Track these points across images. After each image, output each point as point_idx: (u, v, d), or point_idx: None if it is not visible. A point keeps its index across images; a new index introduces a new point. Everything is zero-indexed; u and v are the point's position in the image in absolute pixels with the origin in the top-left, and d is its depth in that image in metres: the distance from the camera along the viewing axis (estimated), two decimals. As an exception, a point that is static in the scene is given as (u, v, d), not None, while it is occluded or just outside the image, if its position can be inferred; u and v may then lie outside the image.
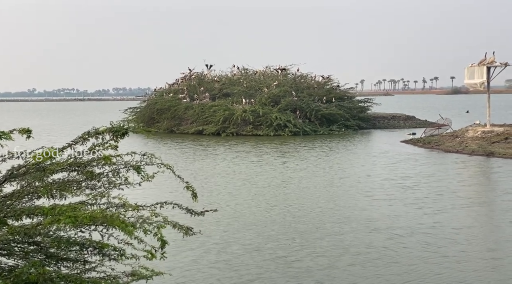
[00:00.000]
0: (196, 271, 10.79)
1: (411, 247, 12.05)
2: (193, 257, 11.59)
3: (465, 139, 31.56)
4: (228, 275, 10.53)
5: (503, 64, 32.37)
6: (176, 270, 10.66)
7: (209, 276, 10.47)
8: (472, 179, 21.74)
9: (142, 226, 5.17)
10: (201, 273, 10.67)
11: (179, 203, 5.87)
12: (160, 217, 5.36)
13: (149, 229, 5.18)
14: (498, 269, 10.69)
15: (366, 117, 48.95)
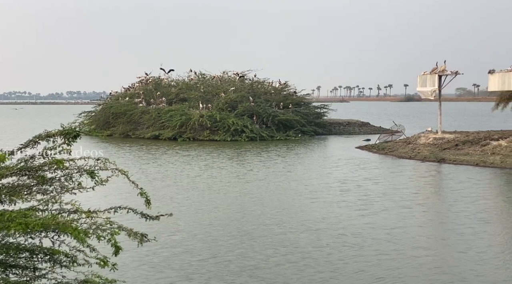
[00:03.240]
0: (150, 277, 10.66)
1: (343, 247, 12.48)
2: (147, 264, 11.45)
3: (417, 145, 32.29)
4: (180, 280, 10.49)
5: (454, 73, 33.34)
6: (129, 276, 10.50)
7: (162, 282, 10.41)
8: (420, 184, 22.21)
9: (95, 233, 5.04)
10: (155, 279, 10.56)
11: (133, 208, 5.77)
12: (115, 224, 5.24)
13: (102, 236, 5.05)
14: (421, 268, 11.06)
15: (322, 123, 49.49)
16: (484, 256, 11.79)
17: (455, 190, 20.10)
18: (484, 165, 26.02)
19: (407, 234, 13.68)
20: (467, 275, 10.67)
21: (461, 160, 27.55)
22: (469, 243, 12.85)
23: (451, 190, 20.36)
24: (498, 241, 13.12)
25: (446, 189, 21.15)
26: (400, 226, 14.45)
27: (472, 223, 14.82)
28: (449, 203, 17.87)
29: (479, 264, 11.31)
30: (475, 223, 14.81)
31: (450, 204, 17.73)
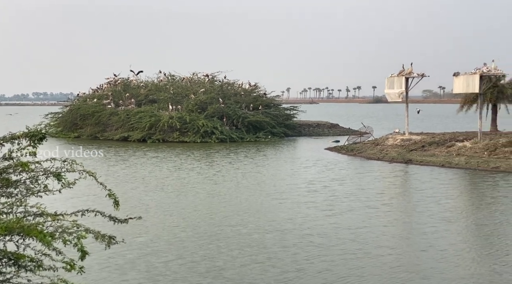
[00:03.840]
0: (114, 279, 10.62)
1: (309, 247, 12.69)
2: (111, 266, 11.42)
3: (385, 146, 32.74)
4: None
5: (420, 75, 33.92)
6: (93, 279, 10.40)
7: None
8: (386, 185, 22.59)
9: (61, 236, 4.97)
10: (120, 281, 10.55)
11: (101, 210, 5.71)
12: (82, 227, 5.17)
13: (69, 239, 4.98)
14: (384, 266, 11.32)
15: (292, 125, 49.75)
16: (445, 254, 12.10)
17: (420, 190, 20.54)
18: (450, 166, 26.55)
19: (371, 233, 13.95)
20: (428, 272, 10.93)
21: (428, 161, 28.04)
22: (431, 241, 13.17)
23: (416, 190, 20.81)
24: (459, 240, 13.48)
25: (411, 190, 21.59)
26: (365, 226, 14.73)
27: (435, 222, 15.17)
28: (414, 203, 18.30)
29: (440, 262, 11.59)
30: (437, 222, 15.17)
31: (415, 204, 18.16)
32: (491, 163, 25.66)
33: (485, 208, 17.31)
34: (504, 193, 19.75)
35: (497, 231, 14.31)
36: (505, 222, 15.21)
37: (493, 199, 18.76)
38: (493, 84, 35.21)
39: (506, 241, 13.25)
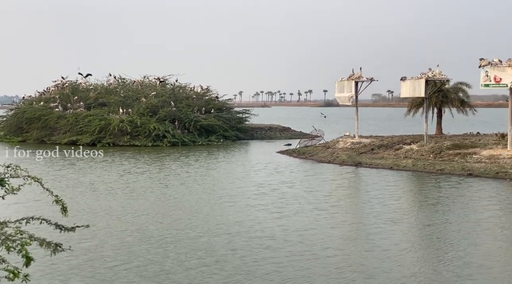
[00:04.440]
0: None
1: (256, 249, 12.80)
2: (54, 272, 11.16)
3: (336, 149, 33.24)
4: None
5: (369, 79, 34.64)
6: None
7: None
8: (335, 187, 22.91)
9: (4, 244, 4.81)
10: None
11: (47, 217, 5.56)
12: (26, 234, 5.01)
13: (12, 246, 4.83)
14: (331, 267, 11.54)
15: (244, 128, 49.85)
16: (389, 254, 12.39)
17: (367, 192, 20.98)
18: (398, 169, 27.19)
19: (319, 235, 14.15)
20: (372, 272, 11.18)
21: (377, 164, 28.60)
22: (377, 242, 13.47)
23: (363, 192, 21.25)
24: (403, 240, 13.80)
25: (359, 192, 22.03)
26: (312, 228, 14.93)
27: (380, 223, 15.51)
28: (361, 205, 18.69)
29: (385, 261, 11.87)
30: (383, 223, 15.51)
31: (362, 205, 18.55)
32: (437, 166, 26.43)
33: (428, 208, 17.82)
34: (446, 194, 20.36)
35: (439, 231, 14.76)
36: (446, 222, 15.69)
37: (435, 200, 19.31)
38: (438, 89, 36.40)
39: (447, 241, 13.66)
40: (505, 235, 14.42)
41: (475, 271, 11.19)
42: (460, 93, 38.69)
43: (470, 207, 17.89)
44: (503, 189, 21.23)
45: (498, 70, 26.78)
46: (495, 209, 17.53)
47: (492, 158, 25.73)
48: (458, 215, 16.66)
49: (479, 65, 27.37)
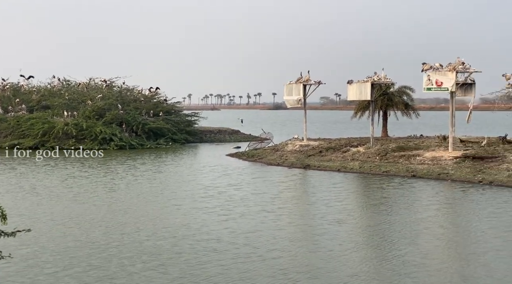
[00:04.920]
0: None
1: (202, 252, 12.76)
2: None
3: (285, 152, 33.41)
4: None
5: (317, 82, 35.02)
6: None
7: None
8: (282, 190, 22.96)
9: None
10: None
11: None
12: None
13: None
14: (275, 268, 11.62)
15: (193, 131, 49.54)
16: (333, 254, 12.60)
17: (314, 194, 21.24)
18: (345, 171, 27.58)
19: (265, 237, 14.20)
20: (317, 272, 11.32)
21: (325, 166, 28.92)
22: (322, 243, 13.66)
23: (310, 194, 21.48)
24: (348, 240, 14.00)
25: (306, 194, 22.25)
26: (259, 230, 14.98)
27: (326, 224, 15.73)
28: (307, 206, 18.90)
29: (329, 262, 12.05)
30: (329, 224, 15.73)
31: (308, 207, 18.76)
32: (382, 167, 26.97)
33: (372, 209, 18.23)
34: (390, 195, 20.82)
35: (381, 231, 15.09)
36: (389, 222, 16.04)
37: (379, 201, 19.73)
38: (383, 92, 37.17)
39: (388, 240, 13.98)
40: (443, 234, 14.87)
41: (413, 270, 11.49)
42: (404, 96, 39.67)
43: (411, 208, 18.36)
44: (443, 190, 21.88)
45: (440, 74, 27.61)
46: (435, 209, 18.07)
47: (434, 160, 26.47)
48: (400, 215, 17.07)
49: (422, 69, 28.15)
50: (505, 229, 14.96)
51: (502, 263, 11.91)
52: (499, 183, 22.35)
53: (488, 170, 23.88)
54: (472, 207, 18.44)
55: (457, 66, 27.34)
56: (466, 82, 28.60)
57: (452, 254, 12.90)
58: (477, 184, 22.61)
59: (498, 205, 18.26)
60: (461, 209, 18.50)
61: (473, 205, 18.85)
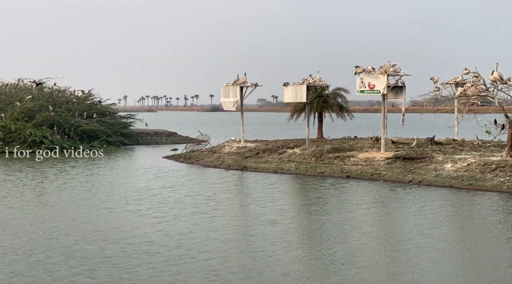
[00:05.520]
0: None
1: (132, 256, 12.56)
2: None
3: (222, 154, 33.32)
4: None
5: (254, 84, 35.15)
6: None
7: None
8: (217, 191, 22.75)
9: None
10: None
11: None
12: None
13: None
14: (207, 269, 11.59)
15: (129, 133, 48.63)
16: (265, 254, 12.68)
17: (249, 195, 21.34)
18: (282, 172, 27.80)
19: (198, 239, 14.12)
20: (249, 273, 11.36)
21: (262, 168, 29.06)
22: (255, 243, 13.75)
23: (245, 196, 21.55)
24: (280, 240, 14.09)
25: (240, 195, 22.26)
26: (192, 232, 14.90)
27: (259, 225, 15.82)
28: (242, 207, 18.96)
29: (261, 262, 12.11)
30: (262, 224, 15.82)
31: (243, 208, 18.83)
32: (318, 169, 27.36)
33: (306, 209, 18.47)
34: (323, 196, 21.13)
35: (313, 230, 15.38)
36: (321, 222, 16.34)
37: (313, 201, 20.01)
38: (319, 94, 37.82)
39: (319, 239, 14.25)
40: (370, 232, 15.22)
41: (342, 267, 11.73)
42: (339, 99, 40.47)
43: (343, 207, 18.76)
44: (375, 190, 22.45)
45: (372, 77, 28.34)
46: (365, 208, 18.52)
47: (367, 161, 27.12)
48: (332, 215, 17.41)
49: (355, 72, 28.82)
50: (428, 226, 15.50)
51: (424, 258, 12.35)
52: (427, 182, 23.15)
53: (417, 170, 24.69)
54: (400, 206, 19.04)
55: (388, 69, 28.16)
56: (397, 85, 29.59)
57: (379, 251, 13.26)
58: (407, 184, 23.33)
59: (424, 204, 18.92)
60: (390, 208, 19.06)
61: (401, 204, 19.46)
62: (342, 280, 10.94)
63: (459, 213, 17.98)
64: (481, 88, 25.75)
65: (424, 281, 10.81)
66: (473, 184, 21.99)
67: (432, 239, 14.07)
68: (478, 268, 11.75)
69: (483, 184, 21.81)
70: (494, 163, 23.10)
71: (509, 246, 13.61)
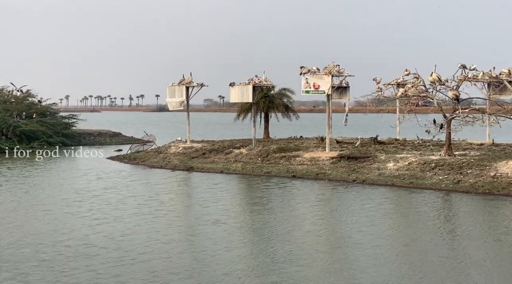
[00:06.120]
0: None
1: (70, 258, 12.29)
2: None
3: (168, 155, 32.91)
4: None
5: (200, 84, 34.89)
6: None
7: None
8: (160, 192, 22.44)
9: None
10: None
11: None
12: None
13: None
14: (146, 271, 11.42)
15: (71, 134, 47.33)
16: (207, 254, 12.62)
17: (192, 196, 21.25)
18: (228, 172, 27.68)
19: (138, 240, 13.89)
20: (190, 272, 11.25)
21: (208, 168, 28.86)
22: (196, 243, 13.71)
23: (189, 196, 21.42)
24: (222, 240, 14.03)
25: (185, 195, 22.07)
26: (133, 233, 14.66)
27: (202, 224, 15.75)
28: (185, 208, 18.82)
29: (202, 261, 12.06)
30: (204, 224, 15.74)
31: (186, 208, 18.71)
32: (264, 169, 27.41)
33: (249, 209, 18.52)
34: (267, 195, 21.19)
35: (256, 229, 15.43)
36: (263, 221, 16.43)
37: (257, 201, 20.02)
38: (265, 94, 37.91)
39: (261, 238, 14.30)
40: (311, 230, 15.36)
41: (283, 266, 11.78)
42: (285, 99, 40.73)
43: (286, 206, 18.87)
44: (319, 189, 22.69)
45: (317, 77, 28.64)
46: (308, 207, 18.69)
47: (313, 160, 27.37)
48: (275, 214, 17.49)
49: (300, 73, 29.03)
50: (367, 224, 15.79)
51: (363, 255, 12.58)
52: (370, 181, 23.58)
53: (361, 169, 25.11)
54: (341, 205, 19.35)
55: (332, 70, 28.52)
56: (341, 85, 30.03)
57: (319, 249, 13.42)
58: (351, 183, 23.67)
59: (365, 202, 19.26)
60: (331, 206, 19.34)
61: (342, 202, 19.76)
62: (282, 278, 10.96)
63: (397, 211, 18.42)
64: (421, 89, 26.48)
65: (362, 277, 10.98)
66: (413, 182, 22.55)
67: (371, 236, 14.34)
68: (414, 263, 12.06)
69: (423, 182, 22.40)
70: (433, 162, 23.77)
71: (442, 241, 14.02)
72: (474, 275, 11.14)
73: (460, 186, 21.37)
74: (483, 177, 21.55)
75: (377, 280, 10.80)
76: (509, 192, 20.21)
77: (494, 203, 18.75)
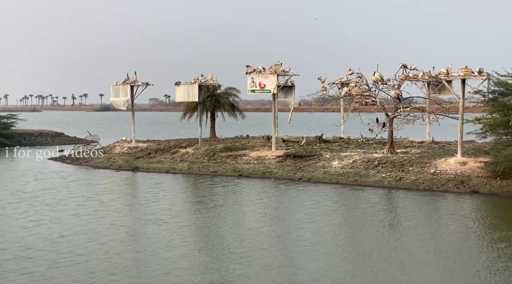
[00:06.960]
0: None
1: (4, 260, 12.00)
2: None
3: (112, 155, 32.23)
4: None
5: (145, 84, 34.30)
6: None
7: None
8: (101, 192, 22.05)
9: None
10: None
11: None
12: None
13: None
14: (81, 272, 11.19)
15: (10, 134, 45.60)
16: (147, 254, 12.53)
17: (135, 196, 21.05)
18: (174, 172, 27.35)
19: (76, 241, 13.62)
20: (128, 273, 11.13)
21: (154, 168, 28.44)
22: (136, 243, 13.61)
23: (131, 196, 21.13)
24: (163, 239, 13.88)
25: (127, 195, 21.69)
26: (70, 234, 14.37)
27: (143, 224, 15.58)
28: (126, 208, 18.54)
29: (142, 261, 11.97)
30: (145, 224, 15.57)
31: (127, 208, 18.46)
32: (211, 168, 27.22)
33: (193, 208, 18.42)
34: (211, 194, 21.14)
35: (198, 228, 15.46)
36: (206, 219, 16.37)
37: (199, 200, 20.02)
38: (211, 94, 37.71)
39: (203, 236, 14.34)
40: (253, 228, 15.44)
41: (223, 263, 11.81)
42: (231, 98, 40.66)
43: (229, 205, 18.78)
44: (263, 187, 22.76)
45: (263, 76, 28.68)
46: (250, 205, 18.78)
47: (259, 159, 27.40)
48: (217, 213, 17.42)
49: (246, 72, 28.99)
50: (307, 221, 15.99)
51: (301, 252, 12.78)
52: (316, 179, 23.81)
53: (307, 168, 25.31)
54: (284, 202, 19.51)
55: (277, 69, 28.64)
56: (287, 84, 30.20)
57: (259, 246, 13.45)
58: (297, 181, 23.83)
59: (310, 199, 19.50)
60: (274, 204, 19.42)
61: (285, 200, 19.93)
62: (222, 275, 10.95)
63: (337, 208, 18.67)
64: (364, 88, 26.97)
65: (301, 274, 11.08)
66: (357, 180, 22.92)
67: (310, 233, 14.50)
68: (352, 258, 12.34)
69: (366, 180, 22.80)
70: (377, 160, 24.24)
71: (380, 236, 14.34)
72: (408, 266, 11.55)
73: (402, 183, 21.88)
74: (424, 174, 22.15)
75: (316, 275, 10.92)
76: (448, 188, 20.87)
77: (431, 199, 19.30)
